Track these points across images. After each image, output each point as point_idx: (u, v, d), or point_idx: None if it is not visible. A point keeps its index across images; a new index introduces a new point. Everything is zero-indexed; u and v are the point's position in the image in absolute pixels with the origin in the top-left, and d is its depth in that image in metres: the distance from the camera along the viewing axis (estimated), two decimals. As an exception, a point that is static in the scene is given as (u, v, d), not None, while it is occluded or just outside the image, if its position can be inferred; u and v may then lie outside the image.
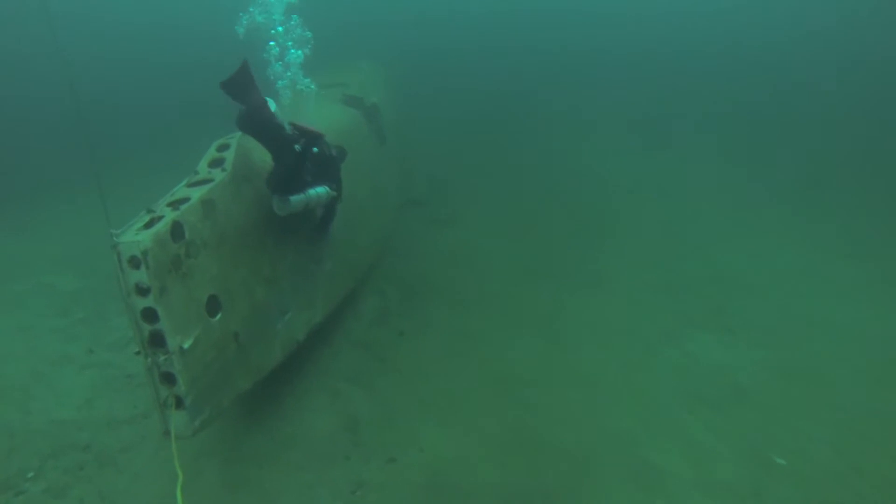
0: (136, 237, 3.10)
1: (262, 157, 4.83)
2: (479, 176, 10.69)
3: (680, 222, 9.04)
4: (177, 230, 3.38)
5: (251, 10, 5.42)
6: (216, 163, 4.16)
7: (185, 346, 3.22)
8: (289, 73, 5.63)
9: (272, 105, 4.45)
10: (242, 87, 4.20)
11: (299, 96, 5.79)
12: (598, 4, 21.34)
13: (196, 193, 3.68)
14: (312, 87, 5.81)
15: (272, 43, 5.41)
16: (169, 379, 3.18)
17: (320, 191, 4.77)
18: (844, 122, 12.81)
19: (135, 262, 3.04)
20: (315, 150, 4.70)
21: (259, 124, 4.33)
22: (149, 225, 3.31)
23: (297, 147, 4.46)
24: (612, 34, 19.89)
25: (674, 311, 6.74)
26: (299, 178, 4.57)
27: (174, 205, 3.52)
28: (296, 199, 4.48)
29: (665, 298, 6.99)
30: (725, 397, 5.21)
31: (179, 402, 3.19)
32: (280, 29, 5.52)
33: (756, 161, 11.46)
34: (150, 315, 3.11)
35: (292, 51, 5.59)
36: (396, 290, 7.03)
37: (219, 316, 3.64)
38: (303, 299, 4.94)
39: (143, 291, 3.08)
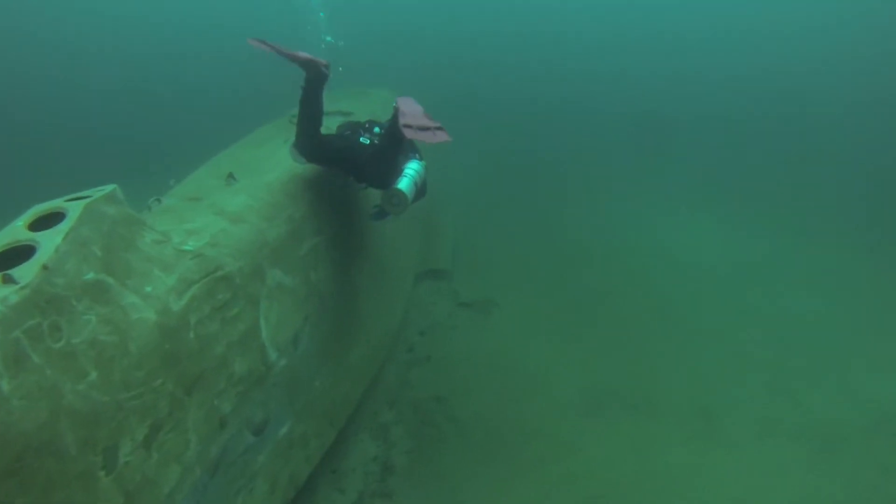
0: None
1: (158, 243, 2.59)
2: (522, 243, 8.32)
3: (798, 330, 6.33)
4: None
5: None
6: (6, 258, 1.89)
7: None
8: None
9: None
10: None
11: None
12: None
13: None
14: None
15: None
16: None
17: (415, 166, 3.75)
18: None
19: None
20: (377, 129, 4.02)
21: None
22: None
23: (363, 140, 3.83)
24: (699, 95, 17.03)
25: (839, 484, 4.23)
26: (392, 164, 3.70)
27: None
28: (405, 185, 3.55)
29: (817, 459, 4.48)
30: None
31: None
32: None
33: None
34: None
35: None
36: (404, 424, 4.62)
37: None
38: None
39: None
